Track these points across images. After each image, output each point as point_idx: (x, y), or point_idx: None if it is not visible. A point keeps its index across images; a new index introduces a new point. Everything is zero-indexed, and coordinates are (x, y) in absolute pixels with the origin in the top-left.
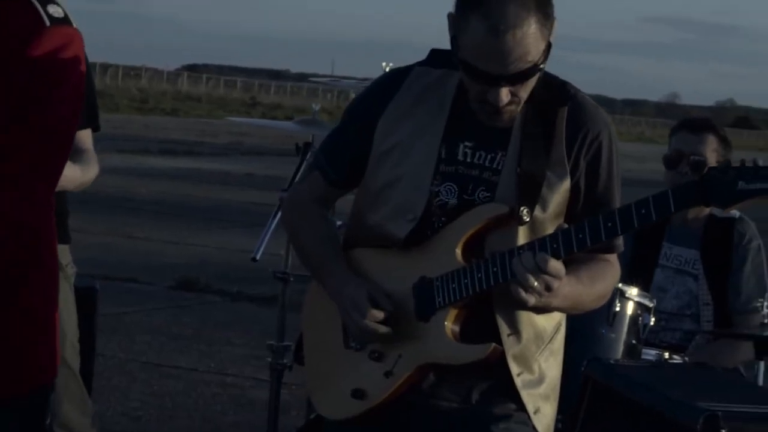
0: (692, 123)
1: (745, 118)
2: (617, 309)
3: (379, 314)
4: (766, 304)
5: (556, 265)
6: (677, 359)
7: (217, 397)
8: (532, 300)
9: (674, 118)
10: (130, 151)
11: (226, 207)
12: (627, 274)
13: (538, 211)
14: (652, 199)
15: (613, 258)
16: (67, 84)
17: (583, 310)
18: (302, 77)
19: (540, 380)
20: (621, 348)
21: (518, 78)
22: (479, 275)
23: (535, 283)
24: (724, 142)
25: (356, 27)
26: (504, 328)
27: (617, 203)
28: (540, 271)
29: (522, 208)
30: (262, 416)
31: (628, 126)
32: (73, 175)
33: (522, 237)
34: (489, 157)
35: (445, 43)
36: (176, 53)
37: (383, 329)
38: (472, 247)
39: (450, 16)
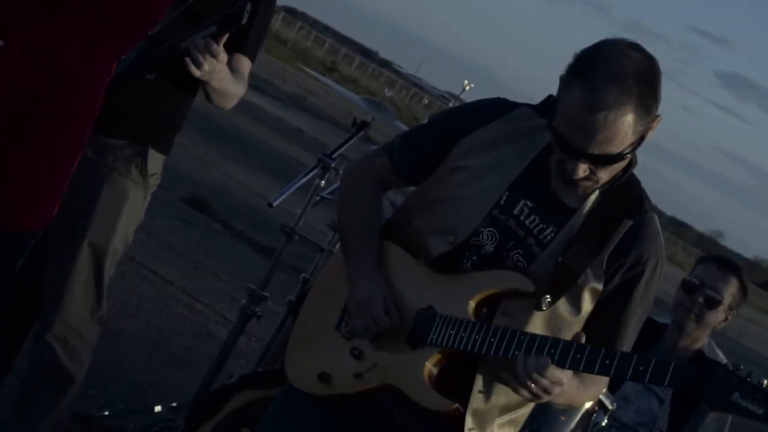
0: (723, 261)
1: None
2: None
3: (385, 322)
4: None
5: (556, 372)
6: None
7: (180, 318)
8: (528, 396)
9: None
10: None
11: (264, 149)
12: None
13: (561, 305)
14: (654, 363)
15: None
16: None
17: (575, 407)
18: (386, 64)
19: None
20: None
21: (598, 160)
22: (476, 337)
23: (533, 386)
24: (743, 290)
25: (455, 40)
26: (478, 385)
27: (629, 334)
28: (540, 375)
29: (546, 296)
30: (213, 353)
31: (666, 243)
32: (239, 90)
33: (537, 321)
34: (541, 226)
35: (532, 91)
36: None
37: (374, 336)
38: (488, 303)
39: (561, 78)
